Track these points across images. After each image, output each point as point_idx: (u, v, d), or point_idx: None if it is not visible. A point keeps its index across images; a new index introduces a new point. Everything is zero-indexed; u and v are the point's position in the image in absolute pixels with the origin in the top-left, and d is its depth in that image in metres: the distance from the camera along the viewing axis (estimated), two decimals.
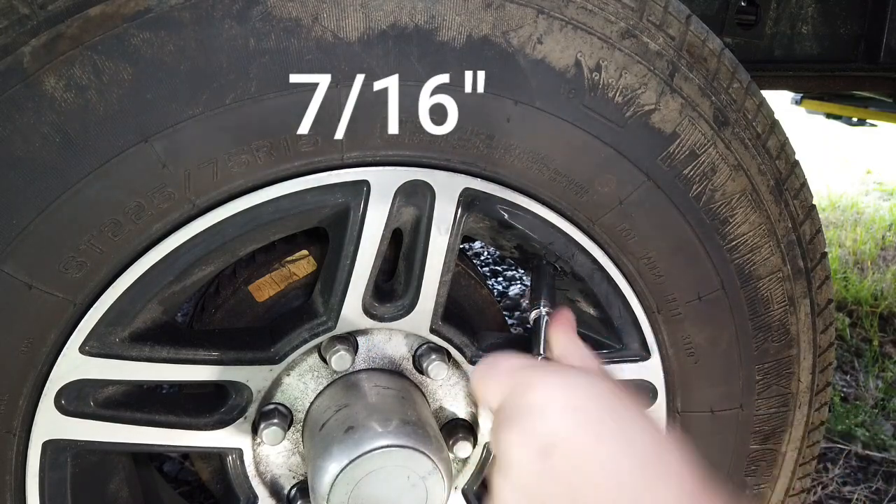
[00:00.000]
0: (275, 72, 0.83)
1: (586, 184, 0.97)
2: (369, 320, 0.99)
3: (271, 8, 0.81)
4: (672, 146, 0.98)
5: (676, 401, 1.12)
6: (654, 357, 1.08)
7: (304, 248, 1.06)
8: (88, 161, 0.82)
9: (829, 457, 2.16)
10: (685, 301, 1.06)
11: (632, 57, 0.93)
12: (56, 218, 0.83)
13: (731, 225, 1.04)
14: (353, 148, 0.89)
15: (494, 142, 0.92)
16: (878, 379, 2.58)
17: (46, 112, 0.79)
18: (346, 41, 0.84)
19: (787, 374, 1.15)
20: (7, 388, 0.88)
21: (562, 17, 0.89)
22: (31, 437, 0.92)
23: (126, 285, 0.88)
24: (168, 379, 0.96)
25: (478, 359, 1.06)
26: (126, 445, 0.98)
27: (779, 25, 1.51)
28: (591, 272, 1.03)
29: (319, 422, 0.99)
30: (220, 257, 0.93)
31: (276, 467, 1.09)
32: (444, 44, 0.87)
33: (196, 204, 0.87)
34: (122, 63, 0.79)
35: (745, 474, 1.21)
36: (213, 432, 1.01)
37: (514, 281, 3.17)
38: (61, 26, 0.77)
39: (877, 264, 3.56)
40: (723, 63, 0.99)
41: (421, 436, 0.93)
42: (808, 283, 1.12)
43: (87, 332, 0.89)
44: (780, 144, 1.05)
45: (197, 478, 1.81)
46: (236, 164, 0.86)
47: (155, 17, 0.79)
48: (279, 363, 0.99)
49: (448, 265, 0.98)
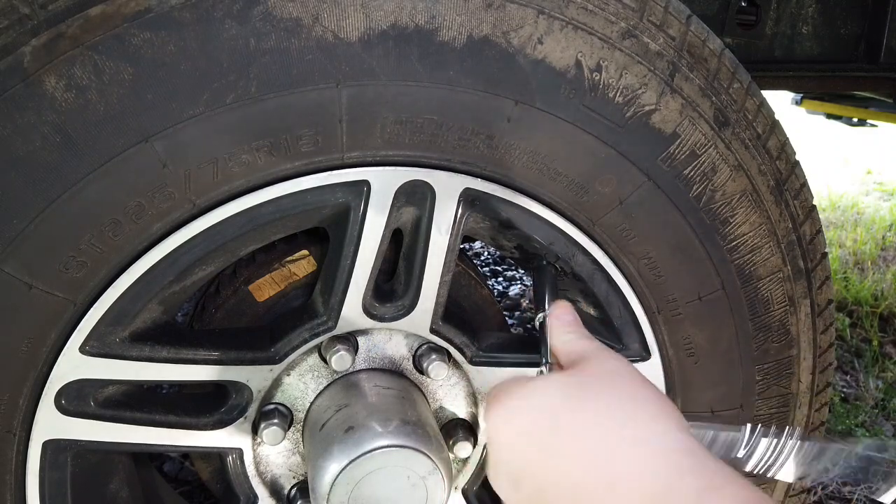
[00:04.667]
0: (275, 72, 0.83)
1: (586, 184, 0.97)
2: (369, 320, 0.99)
3: (272, 8, 0.81)
4: (672, 146, 0.98)
5: (677, 401, 1.12)
6: (655, 357, 1.08)
7: (305, 248, 1.06)
8: (88, 161, 0.81)
9: None
10: (685, 301, 1.06)
11: (632, 57, 0.93)
12: (56, 218, 0.83)
13: (731, 225, 1.04)
14: (353, 148, 0.89)
15: (495, 142, 0.92)
16: (878, 379, 2.58)
17: (47, 112, 0.79)
18: (347, 41, 0.84)
19: (787, 375, 1.15)
20: (7, 387, 0.88)
21: (562, 17, 0.89)
22: (31, 437, 0.92)
23: (126, 285, 0.88)
24: (168, 379, 0.96)
25: (478, 359, 1.06)
26: (126, 445, 0.98)
27: (779, 26, 1.51)
28: (591, 272, 1.03)
29: (319, 422, 0.99)
30: (221, 257, 0.93)
31: (276, 467, 1.09)
32: (445, 44, 0.87)
33: (196, 204, 0.87)
34: (122, 63, 0.79)
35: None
36: (213, 432, 1.01)
37: (514, 281, 3.17)
38: (62, 26, 0.77)
39: (877, 264, 3.56)
40: (723, 63, 0.99)
41: (421, 436, 0.93)
42: (808, 283, 1.12)
43: (88, 332, 0.89)
44: (780, 145, 1.05)
45: (197, 478, 1.81)
46: (236, 163, 0.86)
47: (155, 17, 0.79)
48: (279, 363, 0.99)
49: (448, 265, 0.98)
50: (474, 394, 1.11)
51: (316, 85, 0.85)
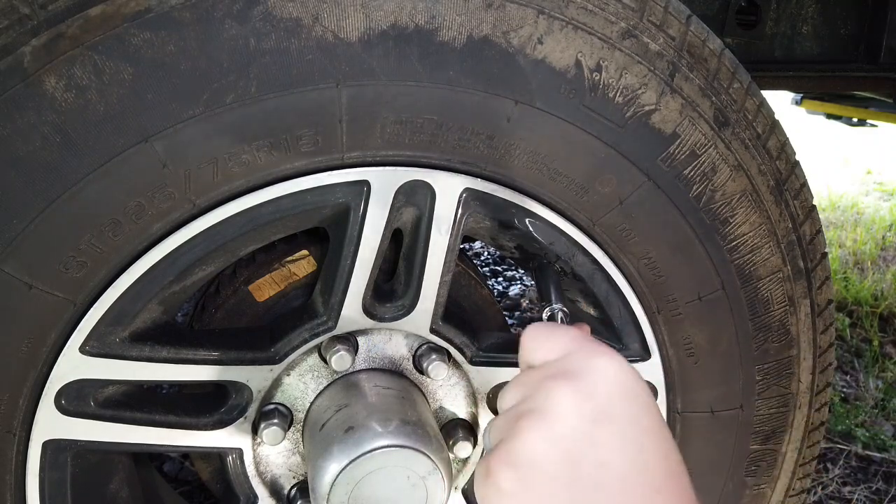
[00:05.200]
0: (275, 72, 0.83)
1: (587, 184, 0.97)
2: (369, 320, 0.99)
3: (271, 8, 0.81)
4: (672, 146, 0.98)
5: (677, 401, 1.12)
6: (655, 357, 1.08)
7: (304, 248, 1.06)
8: (88, 161, 0.82)
9: (829, 457, 2.16)
10: (685, 301, 1.06)
11: (632, 57, 0.93)
12: (56, 218, 0.83)
13: (731, 225, 1.04)
14: (353, 148, 0.89)
15: (495, 142, 0.92)
16: (878, 379, 2.58)
17: (47, 112, 0.79)
18: (347, 41, 0.84)
19: (787, 375, 1.15)
20: (7, 387, 0.88)
21: (562, 17, 0.89)
22: (31, 437, 0.92)
23: (126, 285, 0.88)
24: (168, 379, 0.96)
25: (478, 359, 1.06)
26: (126, 445, 0.98)
27: (779, 26, 1.51)
28: (591, 272, 1.03)
29: (319, 422, 0.99)
30: (221, 257, 0.93)
31: (276, 467, 1.09)
32: (445, 44, 0.87)
33: (196, 204, 0.87)
34: (122, 63, 0.79)
35: (745, 474, 1.21)
36: (213, 432, 1.01)
37: (514, 281, 3.17)
38: (62, 26, 0.77)
39: (877, 264, 3.56)
40: (723, 63, 0.99)
41: (421, 436, 0.93)
42: (808, 283, 1.12)
43: (88, 332, 0.89)
44: (780, 145, 1.05)
45: (197, 478, 1.81)
46: (236, 163, 0.86)
47: (155, 17, 0.79)
48: (279, 363, 0.99)
49: (448, 265, 0.98)
50: (474, 394, 1.11)
51: (316, 85, 0.85)
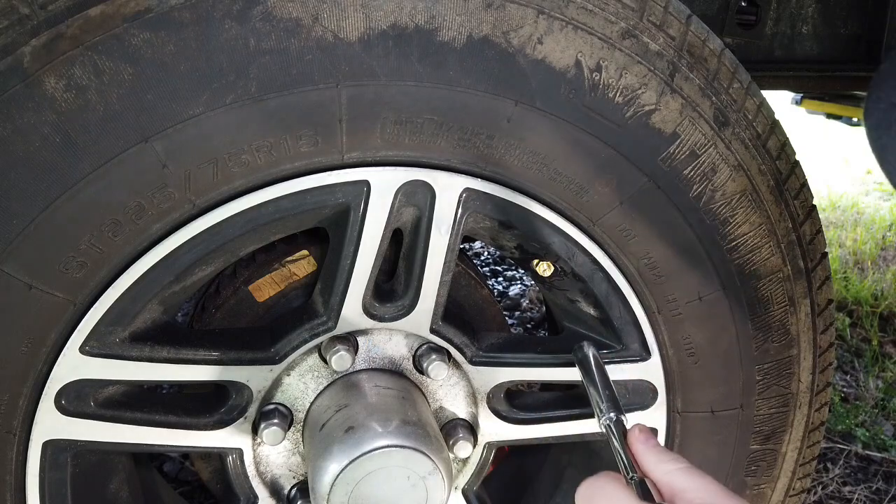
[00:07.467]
0: (275, 72, 0.83)
1: (586, 184, 0.97)
2: (369, 320, 0.99)
3: (271, 8, 0.81)
4: (672, 146, 0.98)
5: (677, 401, 1.12)
6: (655, 357, 1.08)
7: (304, 248, 1.06)
8: (88, 161, 0.82)
9: (830, 457, 2.16)
10: (685, 301, 1.06)
11: (632, 57, 0.93)
12: (56, 218, 0.83)
13: (731, 225, 1.04)
14: (353, 148, 0.89)
15: (495, 142, 0.92)
16: (878, 379, 2.58)
17: (46, 112, 0.79)
18: (347, 41, 0.84)
19: (787, 375, 1.15)
20: (7, 388, 0.88)
21: (562, 17, 0.89)
22: (31, 437, 0.92)
23: (126, 285, 0.88)
24: (168, 379, 0.96)
25: (478, 359, 1.06)
26: (126, 445, 0.98)
27: (779, 25, 1.51)
28: (591, 272, 1.03)
29: (319, 422, 0.99)
30: (221, 257, 0.93)
31: (276, 467, 1.09)
32: (445, 44, 0.87)
33: (196, 204, 0.87)
34: (122, 63, 0.79)
35: (745, 474, 1.21)
36: (213, 432, 1.01)
37: (514, 281, 3.17)
38: (61, 26, 0.77)
39: (877, 264, 3.56)
40: (723, 63, 0.99)
41: (421, 436, 0.93)
42: (808, 283, 1.12)
43: (88, 332, 0.89)
44: (780, 144, 1.06)
45: (197, 478, 1.81)
46: (236, 164, 0.86)
47: (155, 18, 0.79)
48: (279, 363, 0.99)
49: (448, 265, 0.98)
50: (474, 394, 1.11)
51: (316, 85, 0.85)
